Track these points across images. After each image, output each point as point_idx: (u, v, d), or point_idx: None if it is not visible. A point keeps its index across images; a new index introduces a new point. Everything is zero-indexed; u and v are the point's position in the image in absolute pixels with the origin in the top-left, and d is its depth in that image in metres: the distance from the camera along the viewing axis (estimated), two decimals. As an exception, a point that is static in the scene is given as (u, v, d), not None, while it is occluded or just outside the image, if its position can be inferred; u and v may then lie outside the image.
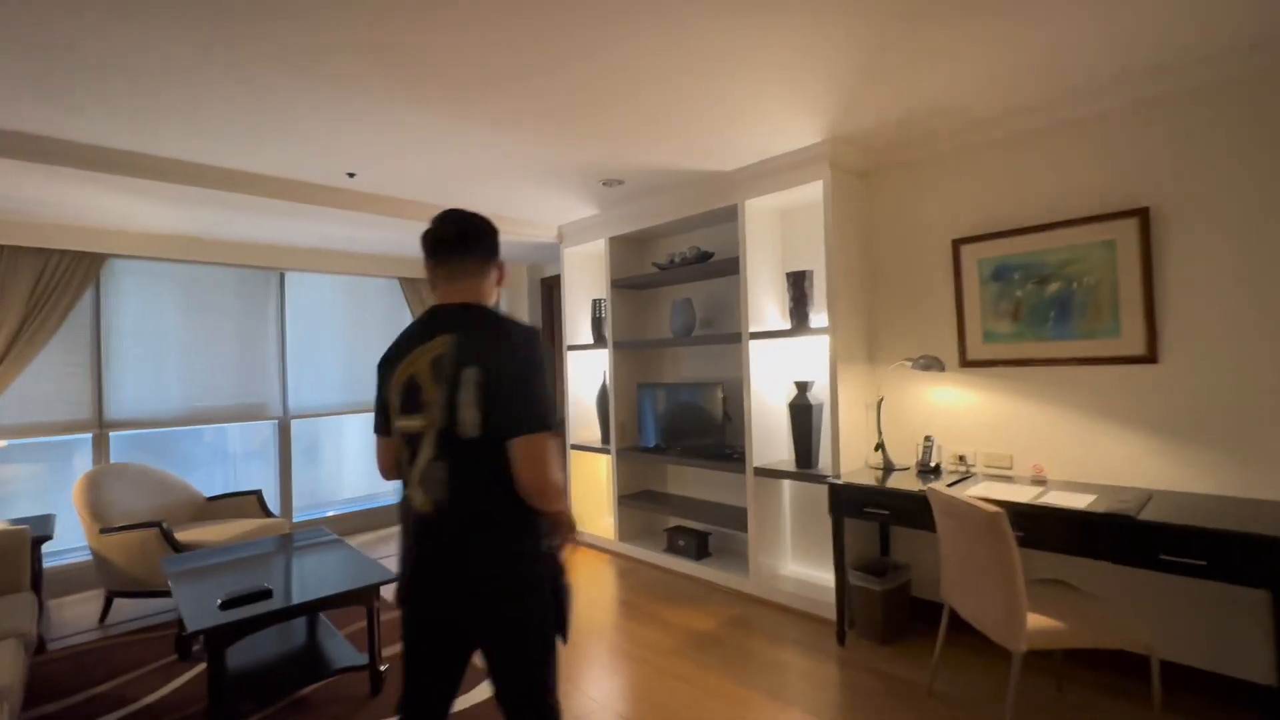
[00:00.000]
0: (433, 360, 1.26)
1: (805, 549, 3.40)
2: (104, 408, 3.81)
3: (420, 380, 1.26)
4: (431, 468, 1.24)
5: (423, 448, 1.25)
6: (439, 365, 1.25)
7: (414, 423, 1.27)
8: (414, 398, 1.27)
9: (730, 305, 3.77)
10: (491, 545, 1.25)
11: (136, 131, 2.50)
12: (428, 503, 1.26)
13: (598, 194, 3.62)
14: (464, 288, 1.34)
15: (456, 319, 1.29)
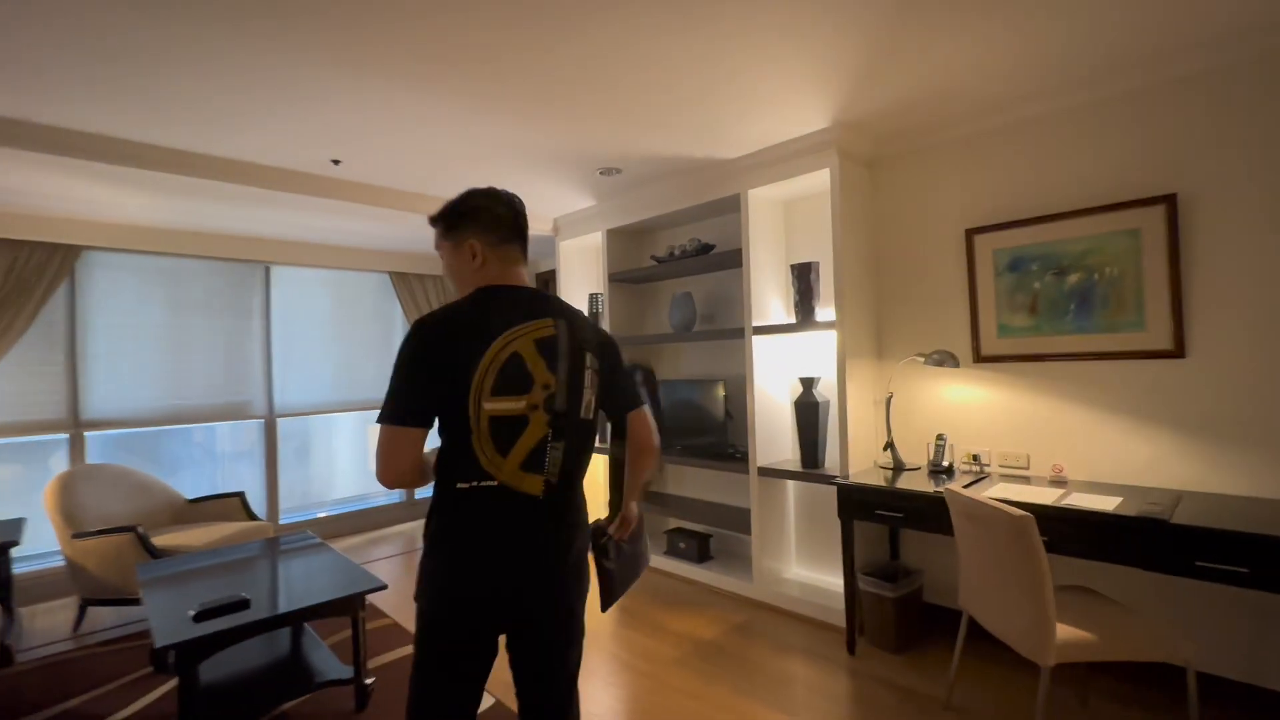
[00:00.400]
0: (539, 341, 1.22)
1: (810, 552, 3.29)
2: (79, 407, 3.65)
3: (525, 359, 1.20)
4: (547, 449, 1.22)
5: (529, 429, 1.20)
6: (550, 347, 1.23)
7: (515, 404, 1.19)
8: (518, 377, 1.19)
9: (732, 300, 3.65)
10: (583, 524, 1.35)
11: (106, 114, 2.35)
12: (538, 484, 1.22)
13: (594, 184, 3.49)
14: (520, 273, 1.33)
15: (550, 305, 1.29)
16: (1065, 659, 1.70)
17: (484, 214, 1.29)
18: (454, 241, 1.30)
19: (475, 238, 1.28)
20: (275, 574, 2.48)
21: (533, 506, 1.21)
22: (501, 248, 1.29)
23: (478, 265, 1.28)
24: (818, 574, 3.25)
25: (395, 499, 5.02)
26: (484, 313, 1.22)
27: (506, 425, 1.19)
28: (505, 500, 1.19)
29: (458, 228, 1.29)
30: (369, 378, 4.87)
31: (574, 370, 1.25)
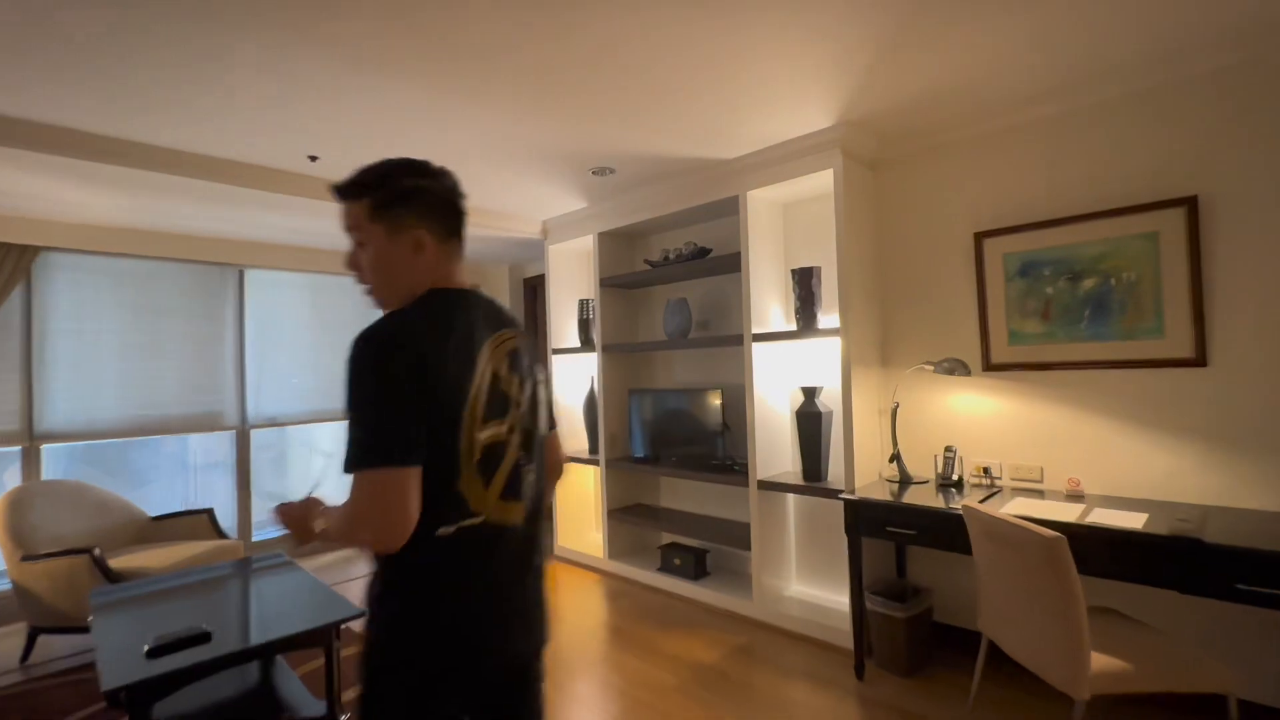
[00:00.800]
0: (509, 354, 1.09)
1: (811, 569, 3.15)
2: (35, 417, 3.42)
3: (502, 377, 1.06)
4: (524, 473, 1.09)
5: (507, 453, 1.05)
6: (517, 360, 1.11)
7: (501, 428, 1.04)
8: (501, 400, 1.05)
9: (729, 306, 3.53)
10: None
11: (65, 106, 2.17)
12: (519, 512, 1.07)
13: (586, 184, 3.35)
14: (463, 272, 1.13)
15: (505, 312, 1.16)
16: (1101, 690, 1.58)
17: (432, 197, 1.06)
18: (389, 226, 1.04)
19: (423, 227, 1.05)
20: (242, 600, 2.29)
21: (518, 538, 1.06)
22: (449, 242, 1.10)
23: (424, 262, 1.05)
24: (820, 592, 3.12)
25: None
26: (466, 318, 1.04)
27: (493, 454, 1.02)
28: (492, 537, 1.02)
29: (394, 209, 1.04)
30: (348, 386, 4.66)
31: (533, 385, 1.14)
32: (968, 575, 2.61)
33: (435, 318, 1.00)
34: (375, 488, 0.90)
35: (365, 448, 0.91)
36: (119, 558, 2.92)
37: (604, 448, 3.79)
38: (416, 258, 1.05)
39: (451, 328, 1.00)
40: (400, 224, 1.04)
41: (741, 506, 3.47)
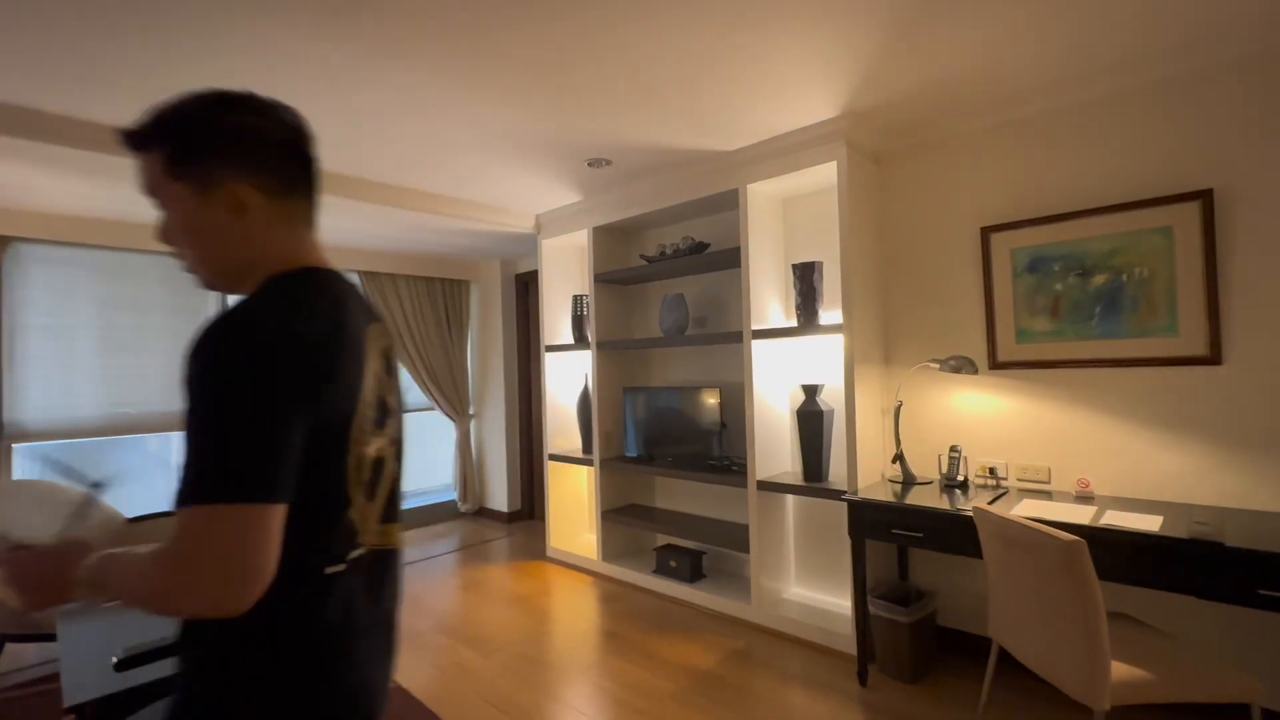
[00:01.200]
0: (383, 353, 0.88)
1: (811, 571, 3.08)
2: (4, 415, 3.28)
3: (382, 380, 0.87)
4: (399, 491, 0.91)
5: (386, 469, 0.87)
6: (391, 362, 0.91)
7: (383, 440, 0.86)
8: (384, 405, 0.87)
9: (726, 302, 3.45)
10: None
11: (36, 86, 2.05)
12: (396, 535, 0.90)
13: (581, 177, 3.26)
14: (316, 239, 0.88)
15: (368, 301, 0.91)
16: (1121, 701, 1.52)
17: (253, 138, 0.79)
18: (195, 183, 0.77)
19: (244, 181, 0.78)
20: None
21: (393, 563, 0.89)
22: (290, 200, 0.82)
23: (252, 228, 0.80)
24: (819, 595, 3.05)
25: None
26: (347, 313, 0.80)
27: (377, 472, 0.85)
28: (375, 567, 0.85)
29: (200, 160, 0.77)
30: (335, 384, 4.55)
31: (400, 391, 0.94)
32: (974, 578, 2.55)
33: (314, 305, 0.76)
34: (224, 527, 0.65)
35: (222, 474, 0.66)
36: (92, 561, 2.80)
37: (598, 447, 3.70)
38: (238, 222, 0.79)
39: (335, 319, 0.77)
40: (210, 179, 0.77)
41: (739, 507, 3.39)
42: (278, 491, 0.68)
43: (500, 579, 3.71)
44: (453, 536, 4.65)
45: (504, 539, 4.57)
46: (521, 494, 5.09)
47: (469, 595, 3.46)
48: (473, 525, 4.96)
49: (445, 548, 4.37)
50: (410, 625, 3.07)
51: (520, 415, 5.09)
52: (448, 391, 4.99)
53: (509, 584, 3.62)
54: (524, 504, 5.09)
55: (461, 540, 4.54)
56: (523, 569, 3.88)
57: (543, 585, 3.59)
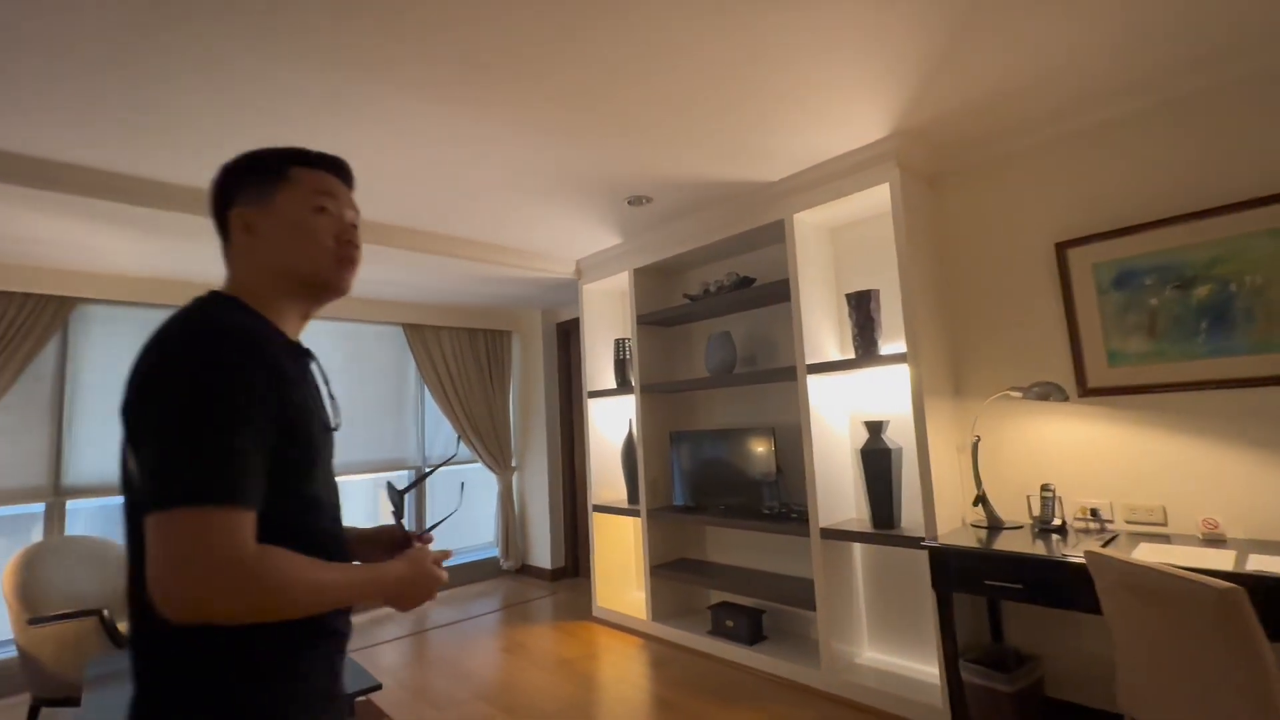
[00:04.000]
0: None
1: (885, 631, 2.76)
2: (62, 472, 3.32)
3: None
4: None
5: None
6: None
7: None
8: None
9: (775, 339, 3.28)
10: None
11: (84, 144, 2.14)
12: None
13: (622, 217, 3.22)
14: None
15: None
16: (1316, 797, 1.20)
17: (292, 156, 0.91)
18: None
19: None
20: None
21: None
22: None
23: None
24: (897, 659, 2.71)
25: (404, 571, 4.55)
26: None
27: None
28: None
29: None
30: (387, 436, 4.53)
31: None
32: (1085, 639, 2.21)
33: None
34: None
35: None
36: (130, 620, 2.72)
37: (644, 496, 3.50)
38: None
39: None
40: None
41: (800, 560, 3.11)
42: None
43: (544, 641, 3.47)
44: (494, 596, 4.45)
45: (547, 598, 4.34)
46: (566, 549, 4.88)
47: (511, 659, 3.23)
48: (515, 584, 4.75)
49: (486, 608, 4.17)
50: (448, 692, 2.87)
51: (563, 466, 4.94)
52: (489, 443, 4.90)
53: (553, 646, 3.38)
54: (568, 560, 4.87)
55: (503, 599, 4.33)
56: (568, 630, 3.64)
57: (589, 648, 3.34)
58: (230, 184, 0.87)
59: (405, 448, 4.64)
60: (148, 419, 0.72)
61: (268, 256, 0.85)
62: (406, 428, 4.67)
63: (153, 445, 0.70)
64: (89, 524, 3.47)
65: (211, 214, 0.89)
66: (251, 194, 0.86)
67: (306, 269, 0.86)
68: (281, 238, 0.85)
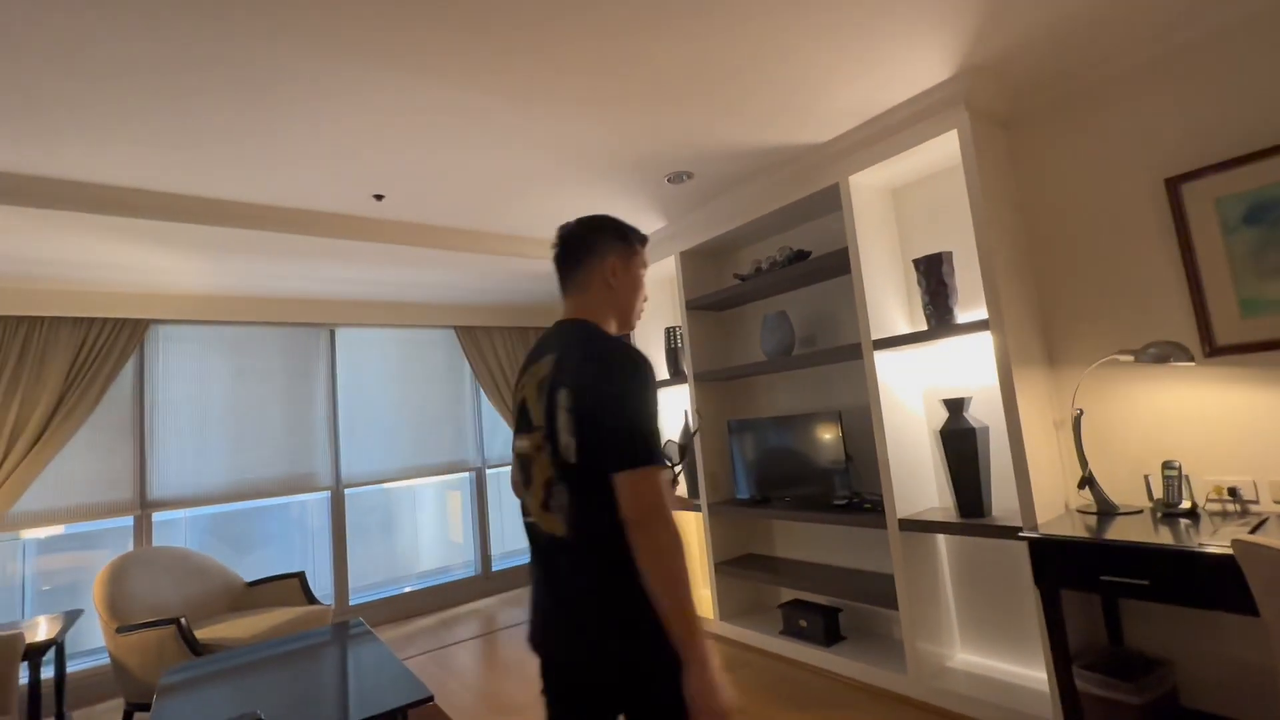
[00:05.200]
0: (539, 381, 1.16)
1: (978, 631, 2.49)
2: (146, 487, 3.50)
3: (529, 401, 1.18)
4: (556, 490, 1.11)
5: (537, 468, 1.15)
6: (543, 386, 1.15)
7: (525, 442, 1.18)
8: (525, 418, 1.19)
9: (836, 315, 3.04)
10: (613, 589, 1.07)
11: (128, 165, 2.18)
12: (558, 524, 1.12)
13: (663, 197, 3.05)
14: (574, 302, 1.25)
15: (558, 336, 1.20)
16: None
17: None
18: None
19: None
20: (305, 679, 2.03)
21: (560, 547, 1.12)
22: (564, 285, 1.26)
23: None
24: (993, 661, 2.44)
25: (470, 573, 4.58)
26: (530, 353, 1.25)
27: (524, 463, 1.18)
28: (540, 537, 1.17)
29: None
30: (446, 440, 4.56)
31: (549, 411, 1.11)
32: (1231, 641, 1.88)
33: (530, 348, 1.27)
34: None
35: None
36: (209, 626, 2.81)
37: (705, 490, 3.34)
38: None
39: (528, 357, 1.25)
40: None
41: (877, 553, 2.87)
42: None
43: (609, 642, 3.37)
44: (560, 594, 4.40)
45: (613, 596, 4.24)
46: (629, 546, 4.77)
47: (576, 661, 3.15)
48: (580, 582, 4.68)
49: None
50: (514, 697, 2.81)
51: (621, 462, 4.83)
52: (547, 441, 4.85)
53: (618, 648, 3.27)
54: (632, 557, 4.76)
55: (569, 598, 4.27)
56: (633, 630, 3.52)
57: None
58: (599, 241, 1.23)
59: (465, 450, 4.65)
60: (609, 405, 1.05)
61: (618, 302, 1.24)
62: (465, 431, 4.68)
63: (617, 423, 1.04)
64: (173, 534, 3.65)
65: (573, 253, 1.24)
66: (619, 256, 1.24)
67: (630, 315, 1.27)
68: (627, 292, 1.25)
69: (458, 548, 4.66)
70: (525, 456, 1.16)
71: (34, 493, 3.20)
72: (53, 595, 3.30)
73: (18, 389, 3.14)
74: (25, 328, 3.20)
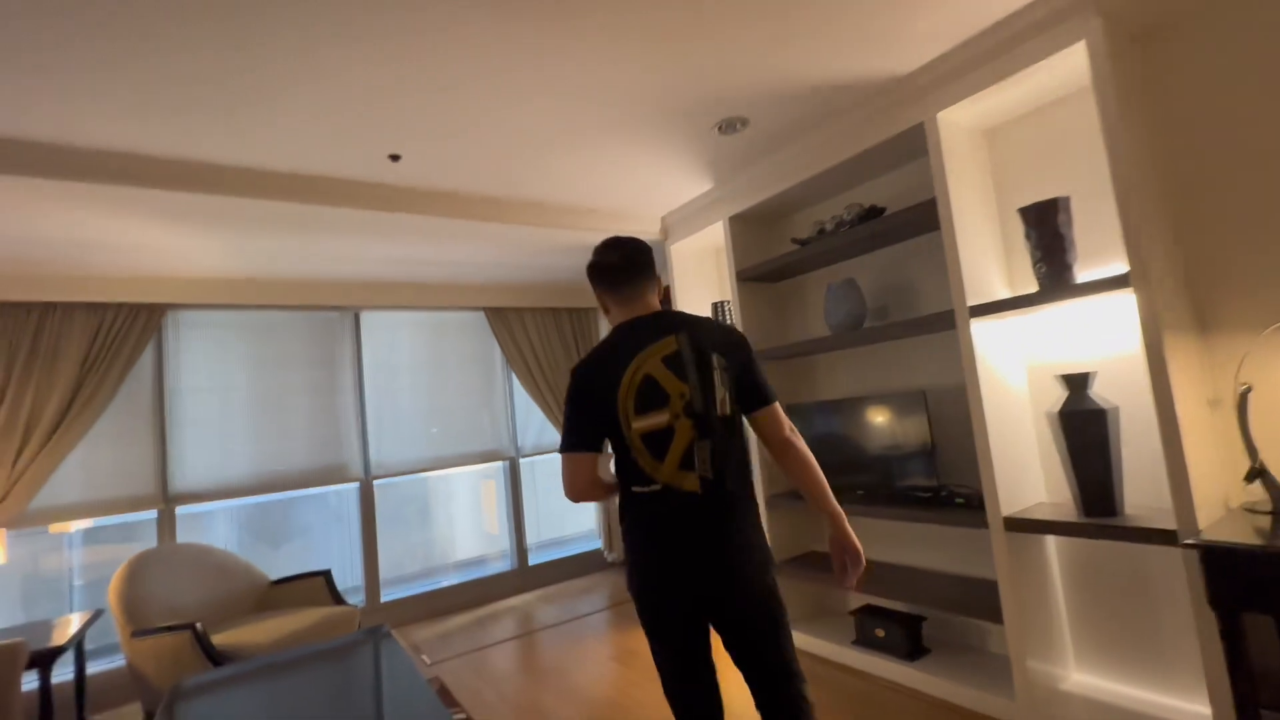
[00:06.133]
0: (665, 358, 1.38)
1: (1097, 649, 2.11)
2: (168, 479, 3.33)
3: (657, 378, 1.37)
4: (696, 449, 1.35)
5: (676, 436, 1.35)
6: (676, 360, 1.38)
7: (660, 418, 1.36)
8: (654, 395, 1.36)
9: (914, 282, 2.65)
10: (752, 516, 1.41)
11: (126, 127, 1.93)
12: (695, 481, 1.35)
13: (711, 152, 2.70)
14: (644, 303, 1.49)
15: (671, 321, 1.44)
16: None
17: (597, 269, 1.50)
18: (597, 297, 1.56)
19: (599, 293, 1.53)
20: (320, 697, 1.78)
21: (694, 501, 1.35)
22: (622, 290, 1.48)
23: (612, 317, 1.52)
24: (1116, 685, 2.06)
25: (506, 567, 4.35)
26: (614, 347, 1.42)
27: (656, 437, 1.36)
28: (669, 500, 1.36)
29: (592, 285, 1.54)
30: (478, 429, 4.32)
31: (702, 373, 1.38)
32: None
33: (600, 349, 1.44)
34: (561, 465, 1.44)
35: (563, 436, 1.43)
36: (228, 631, 2.61)
37: (761, 481, 3.00)
38: (608, 314, 1.55)
39: (605, 354, 1.43)
40: (597, 295, 1.55)
41: (967, 554, 2.49)
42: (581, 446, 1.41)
43: (657, 647, 3.08)
44: (600, 592, 4.14)
45: (657, 594, 3.96)
46: (672, 540, 4.48)
47: (622, 670, 2.87)
48: (620, 578, 4.42)
49: (592, 606, 3.85)
50: (556, 710, 2.54)
51: (663, 450, 4.52)
52: (583, 429, 4.57)
53: (667, 654, 2.98)
54: (676, 551, 4.46)
55: (610, 597, 4.00)
56: (682, 634, 3.22)
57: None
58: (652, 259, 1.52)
59: (500, 438, 4.41)
60: (751, 363, 1.46)
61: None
62: (497, 418, 4.43)
63: (758, 375, 1.46)
64: (205, 528, 3.49)
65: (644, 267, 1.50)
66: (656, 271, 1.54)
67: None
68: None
69: (493, 539, 4.44)
70: (658, 430, 1.36)
71: (55, 486, 3.06)
72: (100, 587, 3.18)
73: (31, 378, 2.98)
74: (37, 315, 3.04)
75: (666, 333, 1.39)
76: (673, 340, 1.38)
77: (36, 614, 3.03)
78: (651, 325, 1.41)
